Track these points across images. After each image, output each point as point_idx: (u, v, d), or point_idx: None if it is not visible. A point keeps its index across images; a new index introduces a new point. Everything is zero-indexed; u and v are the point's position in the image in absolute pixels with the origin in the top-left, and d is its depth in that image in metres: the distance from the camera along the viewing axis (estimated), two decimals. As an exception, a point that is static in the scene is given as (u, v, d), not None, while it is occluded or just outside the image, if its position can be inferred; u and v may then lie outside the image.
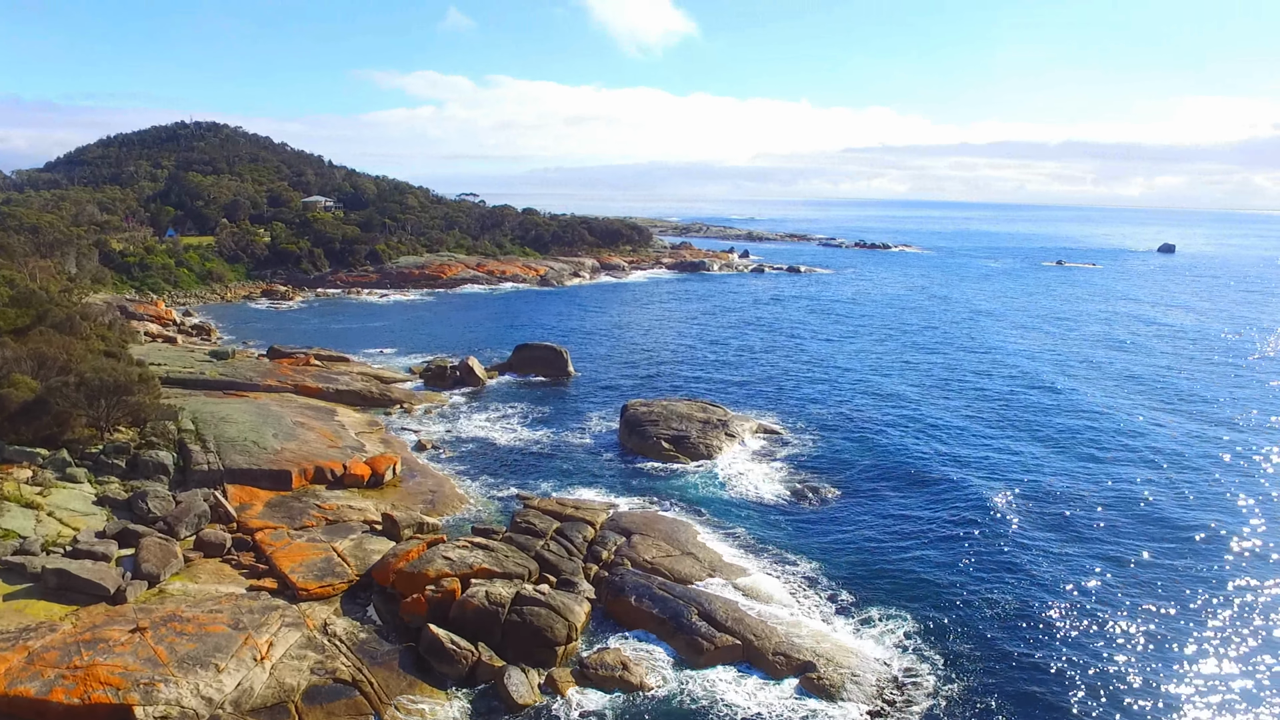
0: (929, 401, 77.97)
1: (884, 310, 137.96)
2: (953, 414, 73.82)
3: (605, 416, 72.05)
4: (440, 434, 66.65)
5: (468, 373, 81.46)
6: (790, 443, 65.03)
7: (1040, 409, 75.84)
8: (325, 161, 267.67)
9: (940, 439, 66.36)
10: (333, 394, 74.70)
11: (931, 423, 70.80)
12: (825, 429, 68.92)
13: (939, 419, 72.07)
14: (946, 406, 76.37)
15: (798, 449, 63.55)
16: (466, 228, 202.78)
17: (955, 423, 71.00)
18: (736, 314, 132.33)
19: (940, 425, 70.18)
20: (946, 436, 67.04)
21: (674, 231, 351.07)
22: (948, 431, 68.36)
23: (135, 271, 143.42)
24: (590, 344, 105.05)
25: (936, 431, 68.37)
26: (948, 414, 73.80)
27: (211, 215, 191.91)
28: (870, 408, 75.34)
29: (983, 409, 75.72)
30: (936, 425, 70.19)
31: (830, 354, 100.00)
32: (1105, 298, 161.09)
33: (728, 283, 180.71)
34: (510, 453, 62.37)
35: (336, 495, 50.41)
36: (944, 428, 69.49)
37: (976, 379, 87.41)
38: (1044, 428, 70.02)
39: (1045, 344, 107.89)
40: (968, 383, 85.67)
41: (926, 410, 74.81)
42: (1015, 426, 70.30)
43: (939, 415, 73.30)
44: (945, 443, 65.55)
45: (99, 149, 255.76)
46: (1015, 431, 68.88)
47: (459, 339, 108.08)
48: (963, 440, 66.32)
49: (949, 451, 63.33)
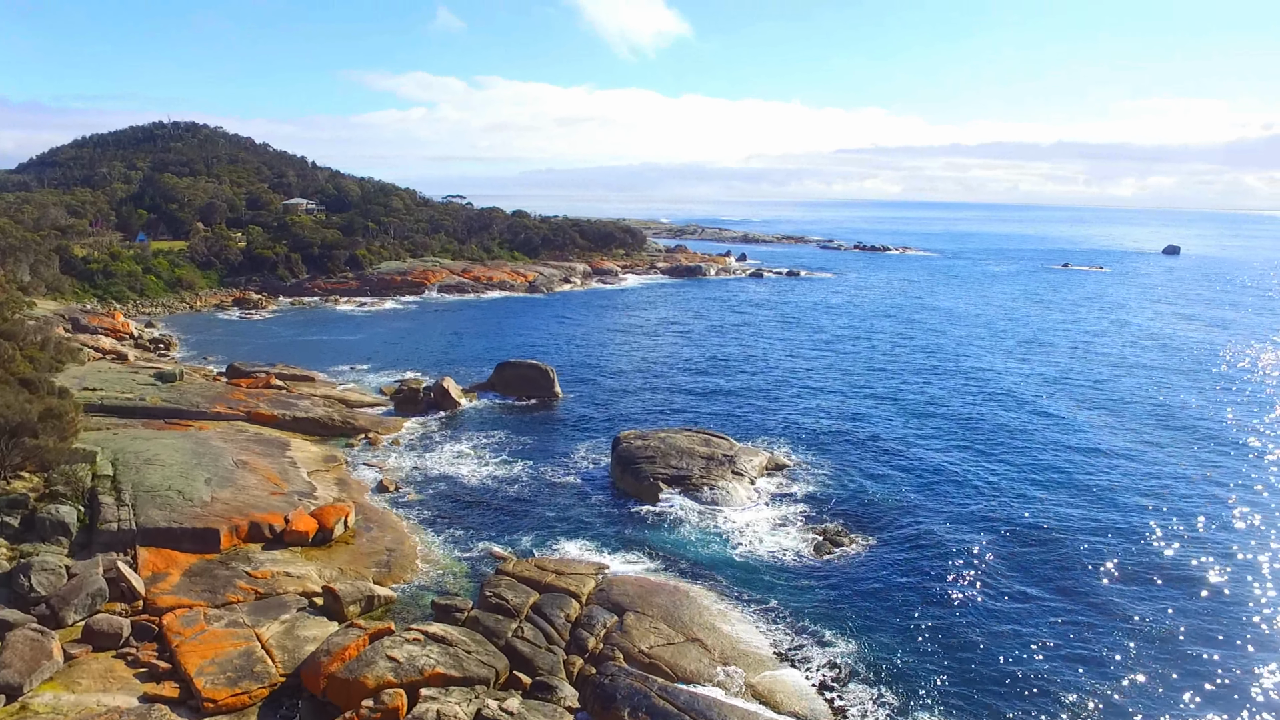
0: (954, 430, 70.15)
1: (894, 321, 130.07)
2: (983, 445, 66.02)
3: (595, 448, 64.08)
4: (407, 471, 58.58)
5: (442, 395, 73.40)
6: (805, 479, 57.13)
7: (1084, 448, 68.13)
8: (309, 162, 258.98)
9: (974, 475, 58.54)
10: (289, 422, 66.62)
11: (960, 454, 62.98)
12: (843, 461, 61.06)
13: (968, 450, 64.25)
14: (973, 437, 68.56)
15: (814, 487, 55.66)
16: (453, 231, 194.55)
17: (987, 456, 63.20)
18: (737, 324, 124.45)
19: (969, 457, 62.37)
20: (981, 472, 59.23)
21: (668, 234, 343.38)
22: (981, 466, 60.56)
23: (98, 279, 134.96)
24: (580, 359, 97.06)
25: (968, 465, 60.57)
26: (976, 445, 65.99)
27: (186, 219, 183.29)
28: (891, 435, 67.50)
29: (1015, 441, 67.94)
30: (966, 457, 62.38)
31: (841, 371, 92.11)
32: (1122, 307, 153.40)
33: (726, 288, 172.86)
34: (485, 494, 54.34)
35: (273, 558, 42.31)
36: (974, 461, 61.68)
37: (1004, 406, 79.67)
38: (1092, 472, 62.28)
39: (1073, 367, 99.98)
40: (995, 411, 77.88)
41: (952, 440, 66.99)
42: (1052, 468, 62.52)
43: (967, 445, 65.49)
44: (979, 479, 57.73)
45: (72, 150, 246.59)
46: (1061, 474, 61.12)
47: (438, 353, 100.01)
48: (1000, 479, 58.51)
49: (988, 489, 55.54)
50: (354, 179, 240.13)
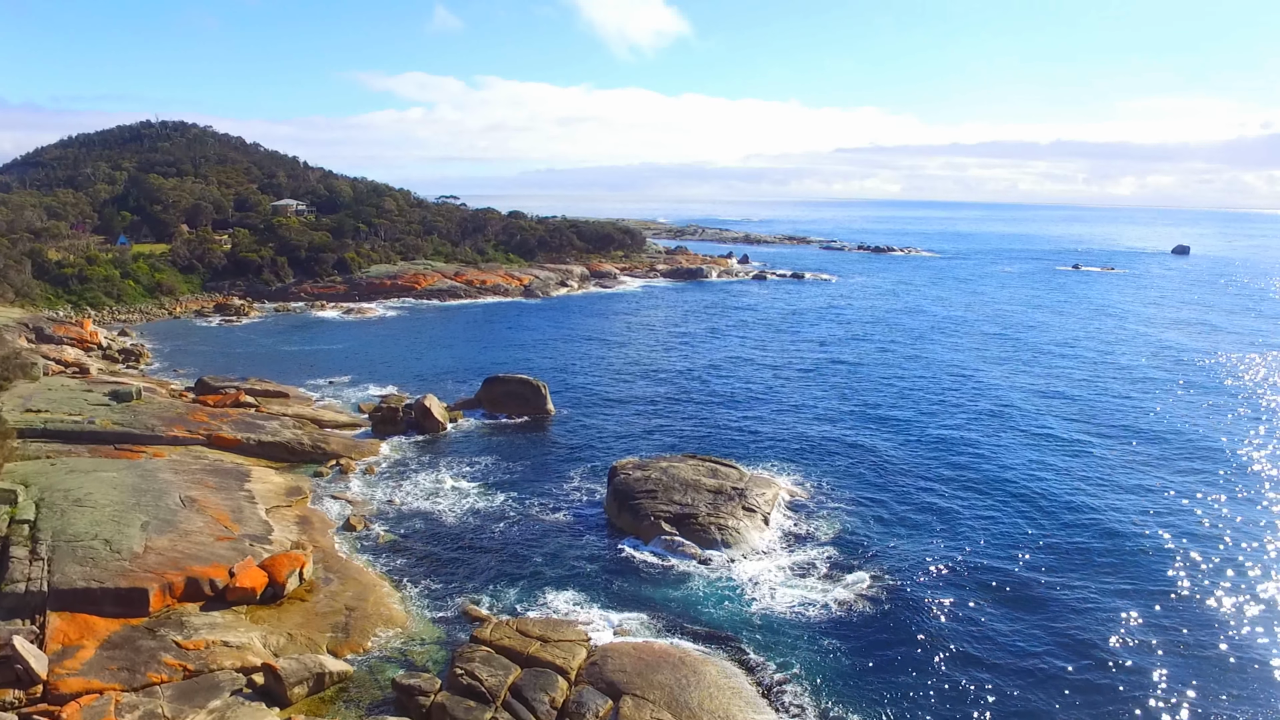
0: (977, 457, 64.12)
1: (906, 330, 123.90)
2: (1010, 477, 60.00)
3: (590, 475, 58.05)
4: (379, 504, 52.54)
5: (424, 415, 67.30)
6: (825, 515, 51.10)
7: (1137, 467, 62.14)
8: (301, 162, 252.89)
9: (1017, 502, 52.54)
10: (254, 447, 60.59)
11: (985, 486, 56.98)
12: (862, 489, 55.06)
13: (992, 482, 58.24)
14: (997, 467, 62.54)
15: (837, 524, 49.62)
16: (446, 233, 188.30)
17: (1014, 490, 57.17)
18: (740, 332, 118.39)
19: (994, 489, 56.36)
20: (1025, 497, 53.22)
21: (668, 234, 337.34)
22: (1024, 490, 54.55)
23: (73, 284, 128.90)
24: (575, 371, 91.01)
25: (995, 498, 54.59)
26: (1002, 476, 59.98)
27: (170, 221, 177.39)
28: (912, 460, 61.47)
29: (1045, 474, 61.93)
30: (991, 489, 56.38)
31: (855, 386, 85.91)
32: (1143, 317, 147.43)
33: (728, 292, 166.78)
34: (465, 534, 48.29)
35: (212, 621, 36.25)
36: (1003, 494, 55.66)
37: (1029, 434, 73.67)
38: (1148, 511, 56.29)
39: (1102, 389, 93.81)
40: (1020, 438, 71.84)
41: (976, 470, 60.97)
42: (1087, 509, 56.51)
43: (992, 476, 59.49)
44: (1007, 517, 51.74)
45: (58, 150, 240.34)
46: (1114, 501, 55.13)
47: (425, 365, 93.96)
48: (1031, 516, 52.51)
49: (1017, 527, 49.56)
50: (346, 179, 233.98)
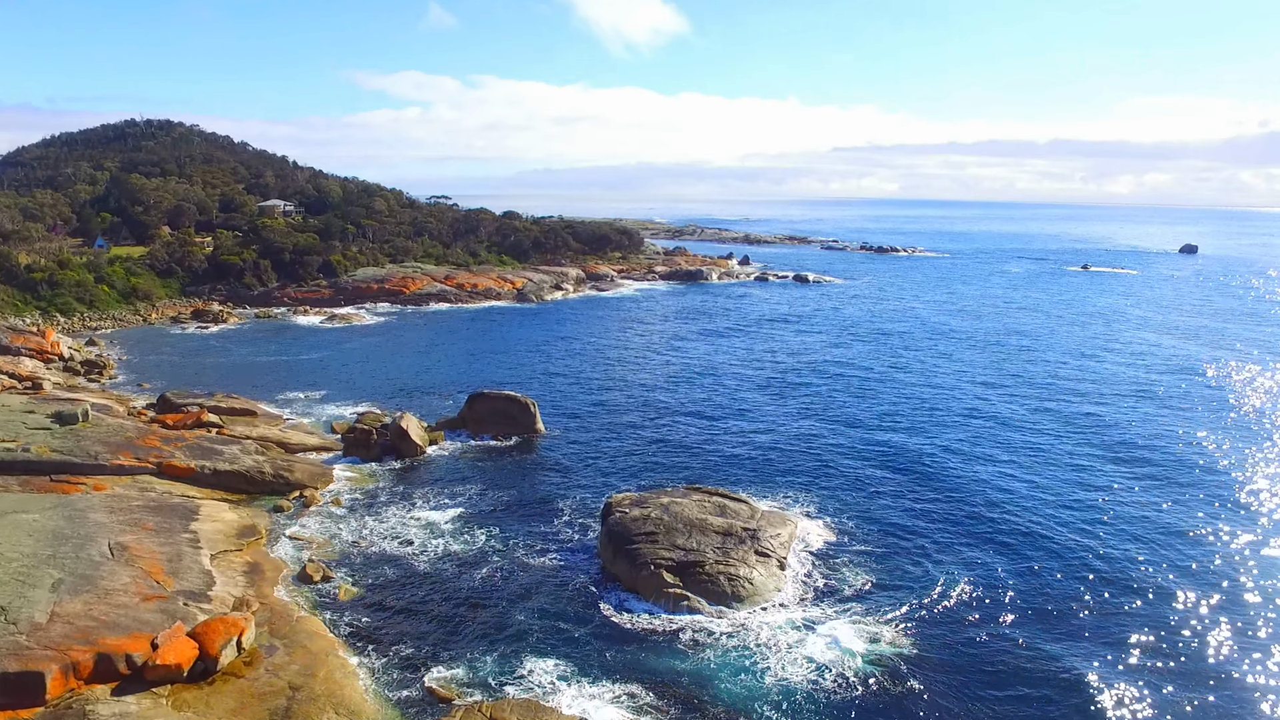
0: (1031, 481, 58.03)
1: (921, 336, 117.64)
2: (1072, 502, 53.92)
3: (582, 508, 51.93)
4: (344, 545, 46.39)
5: (400, 438, 61.08)
6: (850, 557, 44.97)
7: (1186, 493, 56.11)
8: (290, 162, 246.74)
9: (1074, 547, 46.47)
10: (209, 476, 54.44)
11: (1040, 517, 50.88)
12: (897, 527, 48.95)
13: (1051, 509, 52.16)
14: (1053, 490, 56.45)
15: (864, 570, 43.49)
16: (437, 234, 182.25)
17: (1088, 519, 51.10)
18: (744, 340, 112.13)
19: (1055, 518, 50.30)
20: (1084, 537, 47.15)
21: (666, 234, 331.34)
22: (1082, 529, 48.48)
23: (42, 289, 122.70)
24: (568, 385, 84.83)
25: (1057, 529, 48.51)
26: (1061, 501, 53.90)
27: (151, 222, 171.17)
28: (950, 488, 55.33)
29: (1115, 488, 55.86)
30: (1050, 520, 50.30)
31: (872, 402, 79.49)
32: (1168, 327, 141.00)
33: (730, 295, 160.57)
34: (438, 584, 42.11)
35: (124, 710, 30.11)
36: (1066, 524, 49.61)
37: (1077, 436, 67.64)
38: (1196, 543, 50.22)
39: (1139, 413, 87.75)
40: (1070, 451, 65.79)
41: (1030, 496, 54.87)
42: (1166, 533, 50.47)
43: (1049, 503, 53.41)
44: (1084, 553, 45.67)
45: (39, 149, 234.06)
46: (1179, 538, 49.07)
47: (408, 377, 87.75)
48: (1106, 544, 46.45)
49: (1097, 563, 43.49)
50: (337, 179, 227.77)
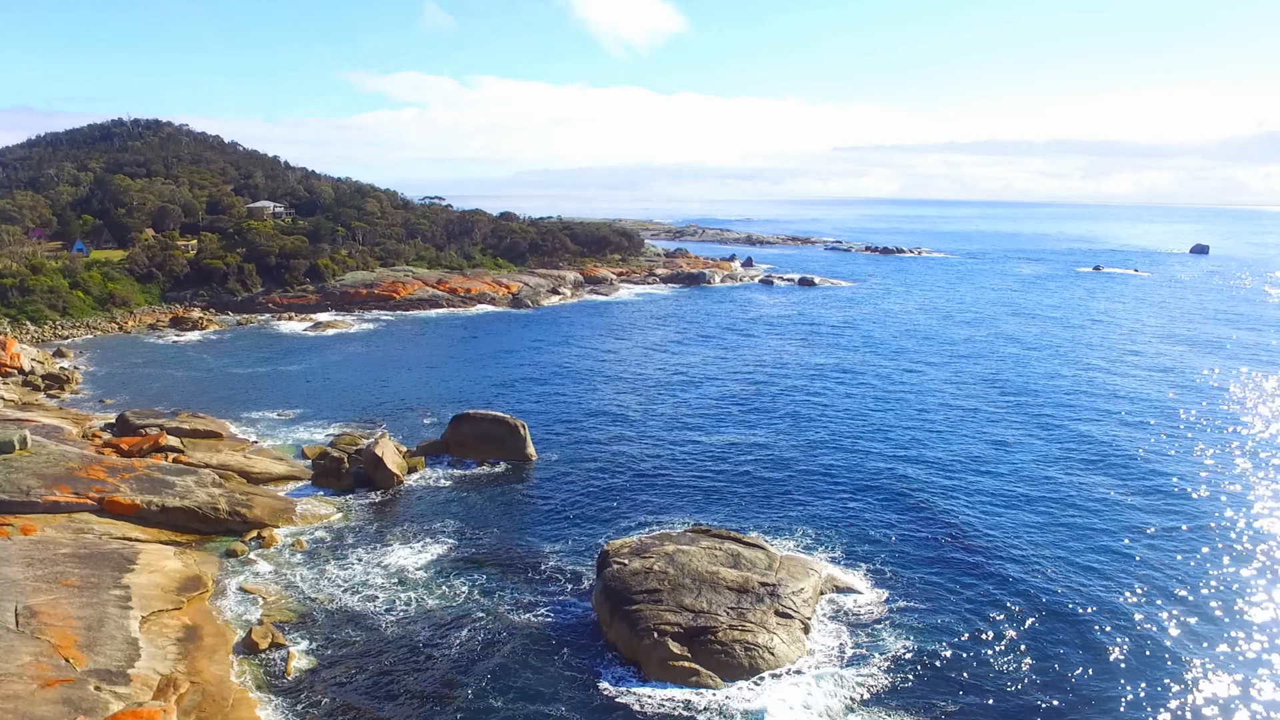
0: (1090, 509, 51.97)
1: (942, 345, 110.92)
2: (1147, 531, 47.87)
3: (574, 552, 45.86)
4: (300, 601, 40.28)
5: (374, 466, 54.98)
6: (886, 614, 38.86)
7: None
8: (281, 162, 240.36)
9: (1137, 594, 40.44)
10: (156, 514, 48.41)
11: (1108, 555, 44.85)
12: (940, 573, 42.88)
13: (1119, 543, 46.12)
14: (1118, 518, 50.40)
15: (903, 630, 37.38)
16: (431, 236, 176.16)
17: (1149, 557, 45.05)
18: (752, 350, 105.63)
19: (1099, 563, 44.25)
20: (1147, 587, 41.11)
21: (666, 235, 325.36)
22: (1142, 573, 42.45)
23: (12, 296, 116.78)
24: (562, 401, 78.70)
25: (1133, 569, 42.47)
26: (1129, 530, 47.85)
27: (134, 225, 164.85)
28: (1003, 523, 49.26)
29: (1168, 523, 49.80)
30: (1095, 563, 44.26)
31: (898, 421, 73.30)
32: (1196, 340, 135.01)
33: (734, 300, 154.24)
34: (407, 653, 36.00)
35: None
36: (1131, 562, 43.55)
37: (1134, 450, 61.57)
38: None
39: (1187, 439, 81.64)
40: (1130, 467, 59.75)
41: (1091, 527, 48.81)
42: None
43: (1118, 536, 47.35)
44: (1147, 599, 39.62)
45: (23, 150, 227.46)
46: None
47: (391, 391, 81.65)
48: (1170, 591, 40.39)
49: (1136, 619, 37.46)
50: (329, 180, 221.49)
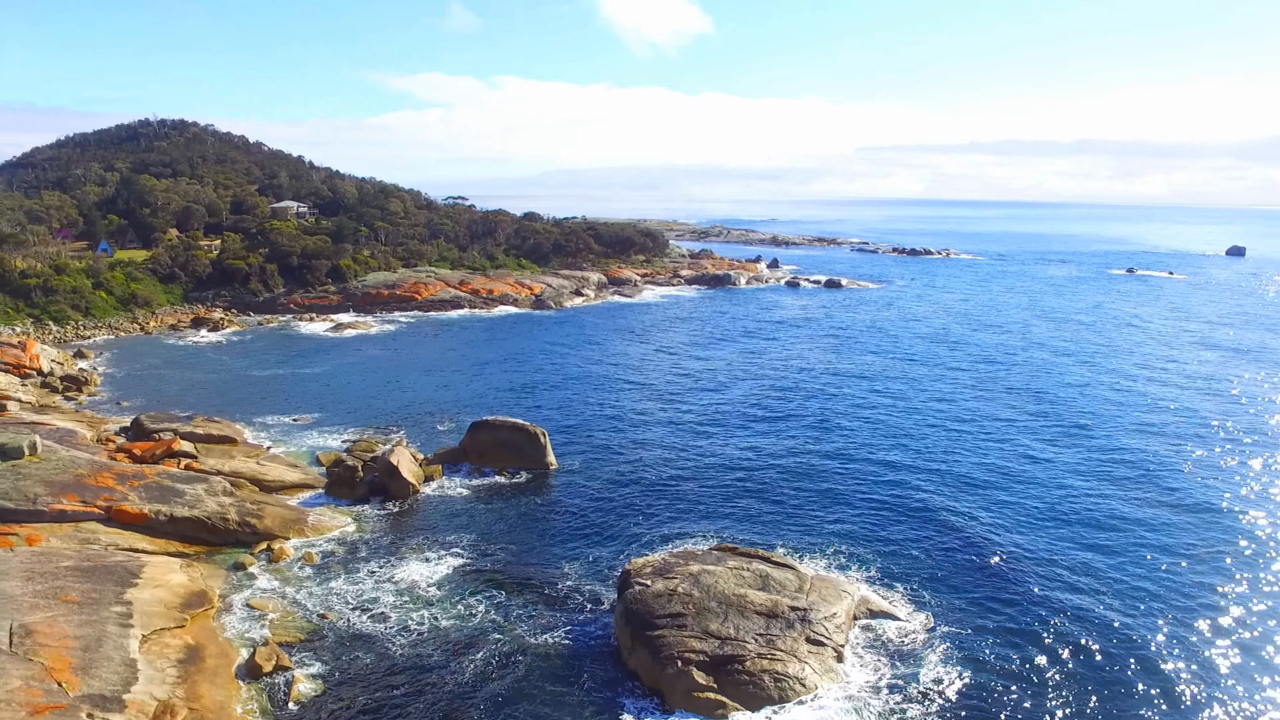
0: (1147, 531, 49.31)
1: (975, 350, 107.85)
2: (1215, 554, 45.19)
3: (595, 569, 43.85)
4: (309, 619, 38.56)
5: (389, 475, 53.30)
6: (924, 640, 36.50)
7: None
8: (305, 162, 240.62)
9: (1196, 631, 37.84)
10: (164, 524, 46.96)
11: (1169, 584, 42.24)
12: (982, 595, 40.42)
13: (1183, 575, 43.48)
14: (1182, 541, 47.71)
15: (952, 664, 34.98)
16: (454, 237, 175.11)
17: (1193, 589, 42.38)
18: (780, 354, 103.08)
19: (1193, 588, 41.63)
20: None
21: (691, 236, 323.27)
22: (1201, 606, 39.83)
23: (36, 296, 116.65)
24: (585, 406, 76.76)
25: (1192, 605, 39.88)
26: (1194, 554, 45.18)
27: (159, 225, 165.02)
28: (1047, 542, 46.70)
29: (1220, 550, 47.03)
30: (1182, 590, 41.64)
31: (933, 430, 70.86)
32: (1243, 350, 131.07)
33: (760, 303, 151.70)
34: (417, 682, 34.12)
35: None
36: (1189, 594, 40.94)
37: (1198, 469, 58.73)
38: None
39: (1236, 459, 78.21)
40: (1188, 486, 56.95)
41: (1146, 550, 46.18)
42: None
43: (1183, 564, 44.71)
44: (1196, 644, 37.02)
45: (51, 150, 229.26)
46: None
47: (410, 396, 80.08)
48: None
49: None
50: (353, 180, 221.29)
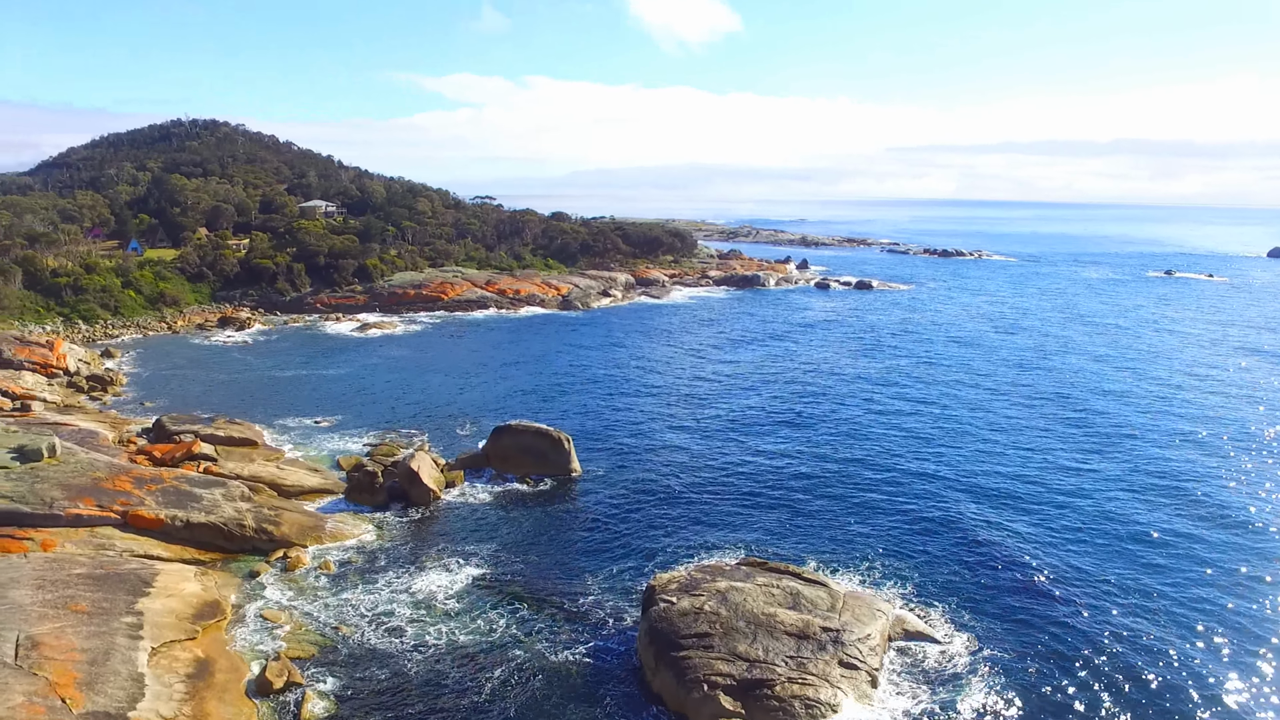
0: (1202, 552, 46.99)
1: (1012, 356, 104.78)
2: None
3: (619, 584, 42.29)
4: (323, 632, 37.35)
5: (410, 480, 52.15)
6: (965, 666, 34.57)
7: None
8: (334, 161, 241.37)
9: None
10: (180, 530, 46.06)
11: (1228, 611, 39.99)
12: (1027, 618, 38.38)
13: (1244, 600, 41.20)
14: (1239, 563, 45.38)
15: (988, 687, 33.06)
16: (481, 236, 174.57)
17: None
18: (810, 357, 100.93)
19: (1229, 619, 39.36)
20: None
21: (720, 236, 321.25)
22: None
23: (66, 295, 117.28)
24: (611, 411, 75.27)
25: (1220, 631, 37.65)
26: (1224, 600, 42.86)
27: (188, 224, 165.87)
28: (1095, 562, 44.54)
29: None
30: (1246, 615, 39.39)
31: (972, 440, 68.53)
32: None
33: (789, 304, 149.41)
34: (434, 701, 32.71)
35: None
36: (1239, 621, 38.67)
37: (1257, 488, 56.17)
38: None
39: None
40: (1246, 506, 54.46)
41: (1203, 571, 43.89)
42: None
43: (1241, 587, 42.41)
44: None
45: (86, 150, 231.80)
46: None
47: (434, 398, 79.05)
48: None
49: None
50: (381, 179, 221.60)
